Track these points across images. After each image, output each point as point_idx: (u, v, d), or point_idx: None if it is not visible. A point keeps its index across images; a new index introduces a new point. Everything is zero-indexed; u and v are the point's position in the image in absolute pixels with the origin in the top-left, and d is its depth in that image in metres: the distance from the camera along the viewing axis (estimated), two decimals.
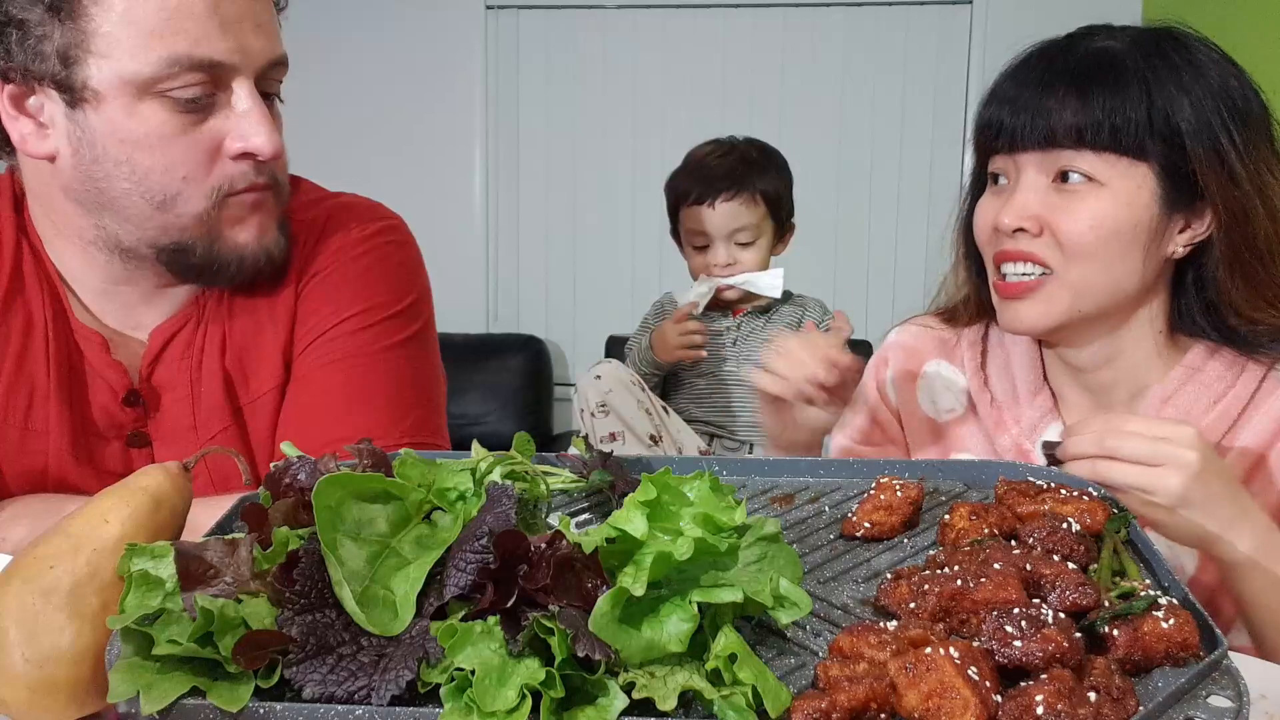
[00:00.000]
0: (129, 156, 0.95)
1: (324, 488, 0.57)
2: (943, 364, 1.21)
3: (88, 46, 0.91)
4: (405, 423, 1.07)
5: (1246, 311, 1.00)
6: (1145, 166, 0.97)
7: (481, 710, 0.49)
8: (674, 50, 3.51)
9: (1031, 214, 0.99)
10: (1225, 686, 0.53)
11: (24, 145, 0.96)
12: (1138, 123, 0.95)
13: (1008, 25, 3.30)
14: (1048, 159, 0.99)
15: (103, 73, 0.92)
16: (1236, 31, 2.59)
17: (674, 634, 0.53)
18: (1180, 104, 0.96)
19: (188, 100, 0.94)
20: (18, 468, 1.04)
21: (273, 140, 0.97)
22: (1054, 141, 0.97)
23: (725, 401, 2.13)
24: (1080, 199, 0.98)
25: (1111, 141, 0.96)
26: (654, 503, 0.60)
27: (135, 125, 0.94)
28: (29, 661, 0.59)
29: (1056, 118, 0.97)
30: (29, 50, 0.91)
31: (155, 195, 0.97)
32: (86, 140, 0.95)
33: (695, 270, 2.13)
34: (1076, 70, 0.98)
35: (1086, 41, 1.01)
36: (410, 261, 1.16)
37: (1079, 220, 0.97)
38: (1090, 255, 0.98)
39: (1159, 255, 1.00)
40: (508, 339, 3.62)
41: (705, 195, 2.03)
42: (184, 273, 1.04)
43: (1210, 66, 0.98)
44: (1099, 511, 0.71)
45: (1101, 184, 0.97)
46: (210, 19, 0.93)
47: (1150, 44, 0.99)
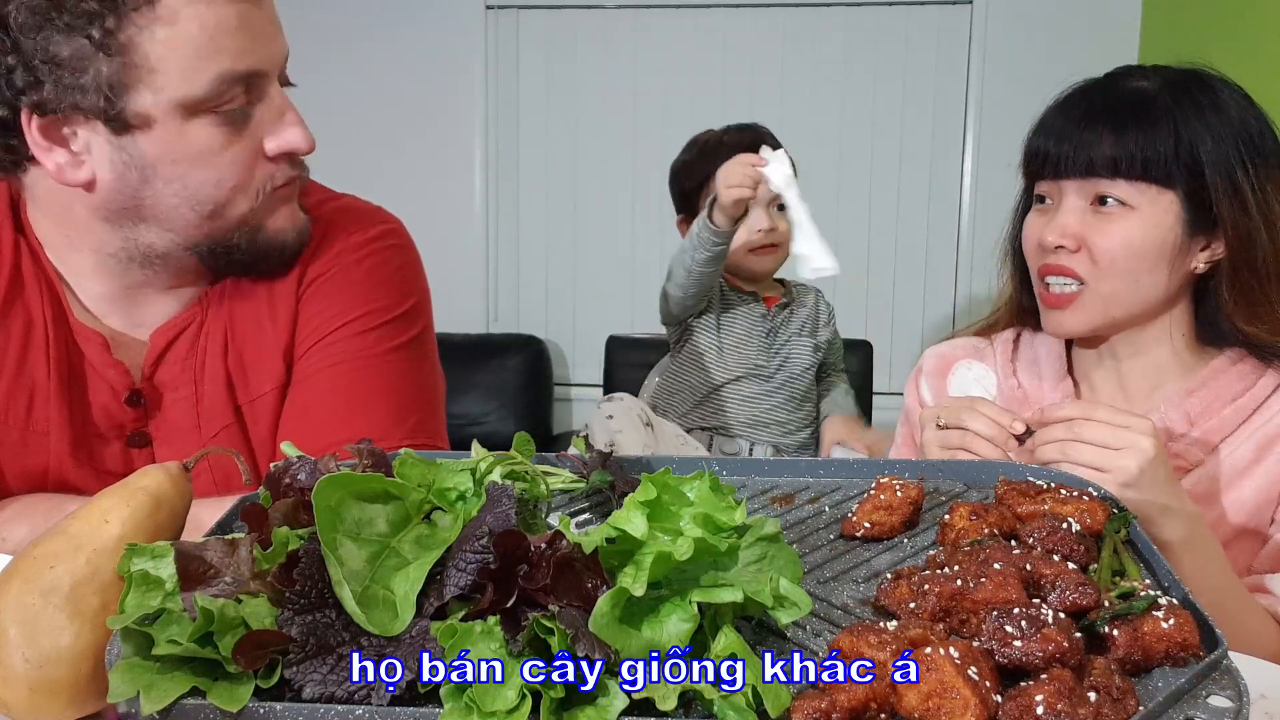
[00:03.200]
0: (181, 174, 0.97)
1: (324, 488, 0.57)
2: (974, 364, 1.34)
3: (137, 76, 0.92)
4: (406, 425, 1.08)
5: (1240, 323, 1.12)
6: (1171, 194, 1.10)
7: (481, 710, 0.49)
8: (674, 50, 3.50)
9: (1071, 233, 1.12)
10: (1225, 686, 0.53)
11: (60, 175, 0.96)
12: (1166, 155, 1.08)
13: (1008, 25, 3.30)
14: (1086, 185, 1.12)
15: (154, 99, 0.93)
16: (1234, 38, 2.60)
17: (674, 634, 0.53)
18: (1203, 139, 1.08)
19: (234, 112, 0.96)
20: (18, 468, 1.04)
21: (308, 135, 1.02)
22: (1092, 171, 1.10)
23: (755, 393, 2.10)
24: (1114, 220, 1.11)
25: (1142, 172, 1.09)
26: (654, 503, 0.60)
27: (187, 144, 0.96)
28: (29, 661, 0.59)
29: (1095, 150, 1.10)
30: (67, 85, 0.91)
31: (205, 207, 0.99)
32: (135, 164, 0.96)
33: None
34: (1114, 108, 1.11)
35: (1123, 82, 1.15)
36: (410, 265, 1.17)
37: (1112, 239, 1.11)
38: (1121, 270, 1.11)
39: (1182, 270, 1.13)
40: (508, 339, 3.62)
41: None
42: (225, 268, 1.06)
43: (1232, 106, 1.11)
44: (1099, 511, 0.71)
45: (1133, 208, 1.10)
46: (243, 32, 0.95)
47: (1179, 85, 1.12)
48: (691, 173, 2.09)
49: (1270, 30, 2.41)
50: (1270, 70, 2.34)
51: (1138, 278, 1.12)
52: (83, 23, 0.90)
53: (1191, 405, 1.16)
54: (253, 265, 1.07)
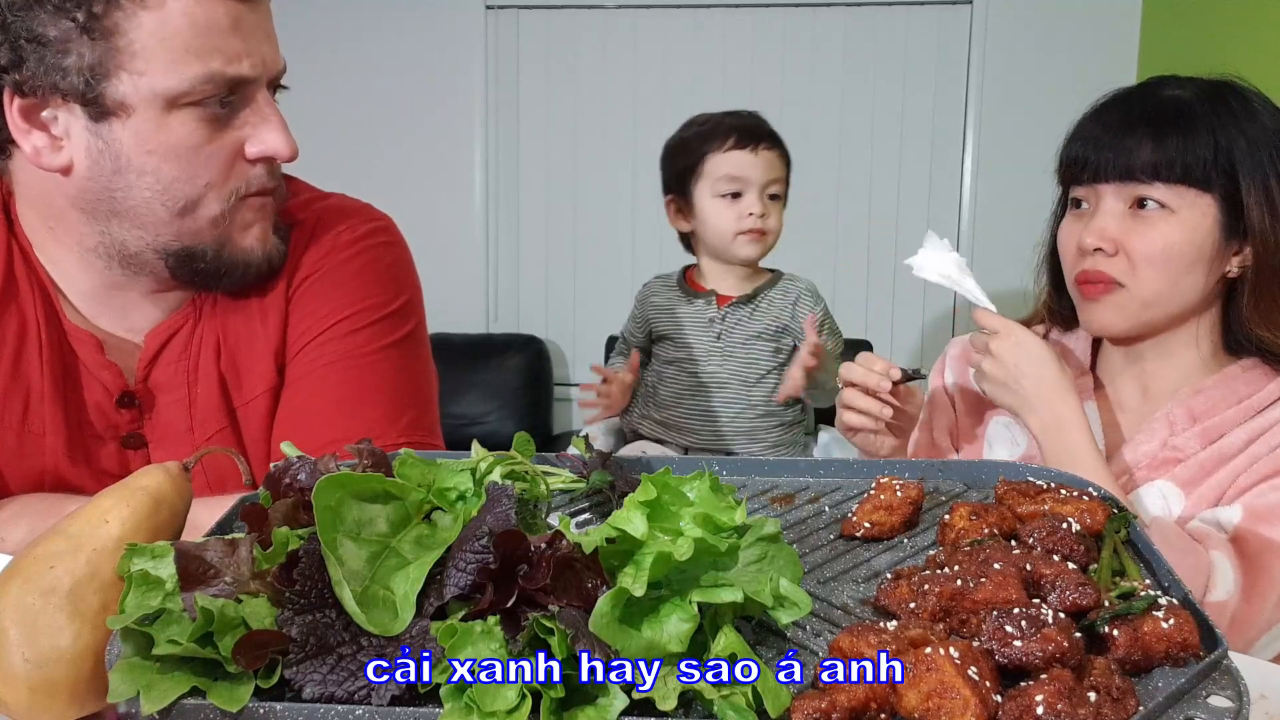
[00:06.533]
0: (155, 167, 0.96)
1: (324, 488, 0.56)
2: None
3: (119, 63, 0.92)
4: (400, 423, 1.08)
5: (1255, 328, 1.15)
6: (1210, 197, 1.13)
7: (481, 710, 0.49)
8: (674, 50, 3.50)
9: (1110, 236, 1.15)
10: (1225, 686, 0.53)
11: (38, 159, 0.96)
12: (1204, 160, 1.11)
13: (1008, 25, 3.30)
14: (1124, 189, 1.15)
15: (135, 88, 0.93)
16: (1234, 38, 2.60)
17: (674, 634, 0.53)
18: (1239, 144, 1.11)
19: (214, 110, 0.96)
20: (16, 470, 1.04)
21: (291, 143, 1.01)
22: (1131, 175, 1.13)
23: (706, 404, 2.03)
24: (1153, 224, 1.13)
25: (1183, 175, 1.12)
26: (654, 503, 0.60)
27: (164, 137, 0.95)
28: (29, 661, 0.59)
29: (1135, 155, 1.13)
30: (49, 66, 0.91)
31: (177, 203, 0.99)
32: (110, 152, 0.95)
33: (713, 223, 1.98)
34: (1153, 115, 1.14)
35: (1159, 90, 1.18)
36: (401, 262, 1.17)
37: (1153, 242, 1.13)
38: (1160, 271, 1.14)
39: (1216, 274, 1.16)
40: (508, 339, 3.61)
41: (746, 141, 1.95)
42: (190, 277, 1.05)
43: (1263, 114, 1.14)
44: (1099, 511, 0.71)
45: (1173, 211, 1.13)
46: (235, 34, 0.95)
47: (1214, 93, 1.15)
48: (688, 148, 2.01)
49: (1270, 30, 2.41)
50: (1271, 70, 2.34)
51: (1176, 280, 1.14)
52: (71, 5, 0.89)
53: (1197, 403, 1.18)
54: (217, 279, 1.05)
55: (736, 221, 1.96)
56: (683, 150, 2.03)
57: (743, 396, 2.03)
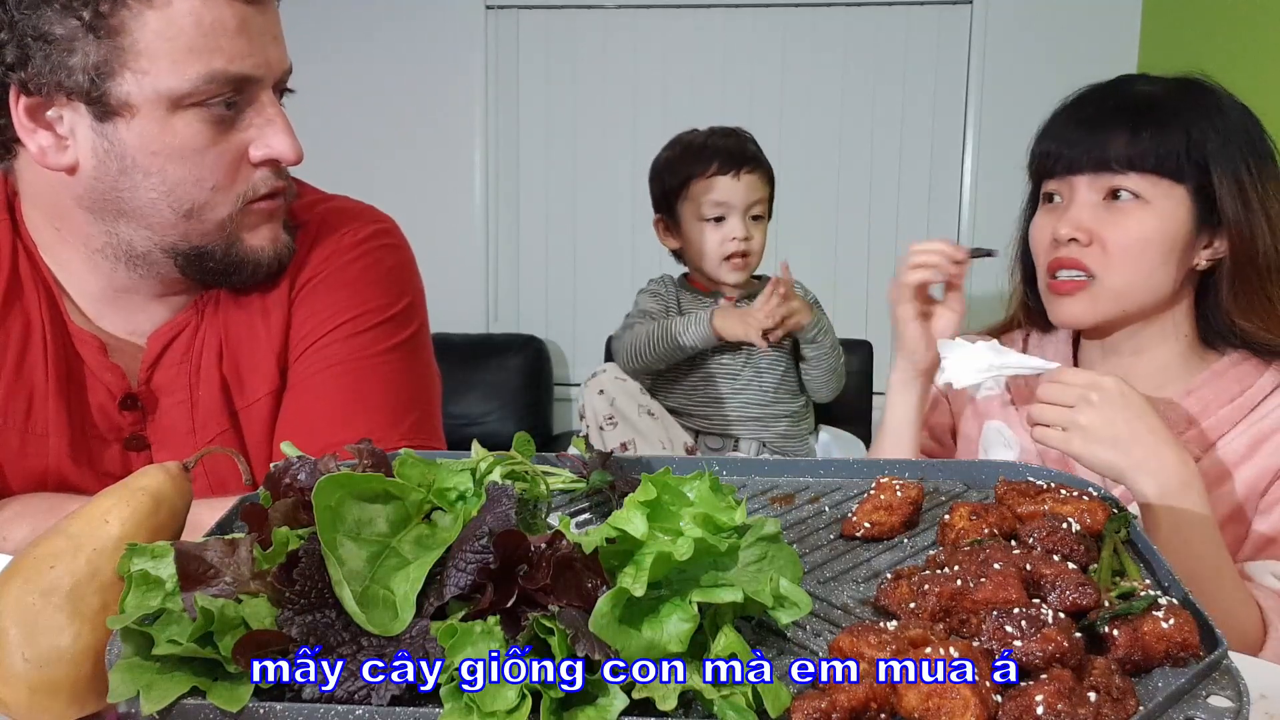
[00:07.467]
0: (160, 168, 0.96)
1: (324, 488, 0.56)
2: None
3: (124, 62, 0.91)
4: (403, 426, 1.08)
5: (1237, 318, 1.15)
6: (1183, 188, 1.13)
7: (481, 710, 0.49)
8: (674, 50, 3.50)
9: (1085, 227, 1.15)
10: (1225, 686, 0.53)
11: (43, 158, 0.96)
12: (1177, 151, 1.12)
13: (1008, 25, 3.30)
14: (1098, 180, 1.15)
15: (139, 87, 0.92)
16: (1234, 38, 2.60)
17: (674, 634, 0.53)
18: (1210, 137, 1.12)
19: (219, 112, 0.96)
20: (19, 470, 1.04)
21: (296, 146, 1.00)
22: (1106, 166, 1.14)
23: (716, 392, 2.11)
24: (1128, 214, 1.14)
25: (1157, 165, 1.13)
26: (654, 503, 0.60)
27: (169, 137, 0.95)
28: (29, 661, 0.59)
29: (1110, 147, 1.14)
30: (55, 64, 0.91)
31: (183, 205, 0.98)
32: (115, 153, 0.95)
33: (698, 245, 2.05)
34: (1126, 109, 1.15)
35: (1130, 86, 1.19)
36: (404, 264, 1.16)
37: (1128, 231, 1.14)
38: (1134, 261, 1.14)
39: (1186, 265, 1.16)
40: (508, 339, 3.62)
41: (729, 167, 2.01)
42: (200, 275, 1.05)
43: (1232, 110, 1.16)
44: (1099, 511, 0.71)
45: (1147, 201, 1.14)
46: (241, 35, 0.94)
47: (1184, 89, 1.17)
48: (674, 170, 2.08)
49: (1270, 30, 2.41)
50: (1271, 70, 2.35)
51: (1150, 271, 1.15)
52: (78, 3, 0.89)
53: (1191, 404, 1.18)
54: (226, 276, 1.05)
55: (720, 245, 2.04)
56: (668, 172, 2.10)
57: (753, 385, 2.10)
